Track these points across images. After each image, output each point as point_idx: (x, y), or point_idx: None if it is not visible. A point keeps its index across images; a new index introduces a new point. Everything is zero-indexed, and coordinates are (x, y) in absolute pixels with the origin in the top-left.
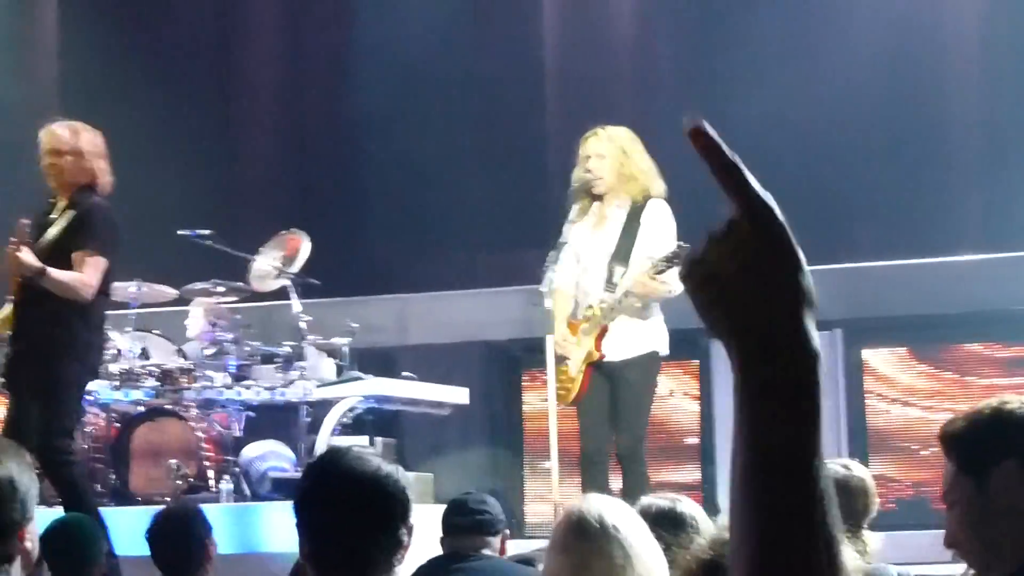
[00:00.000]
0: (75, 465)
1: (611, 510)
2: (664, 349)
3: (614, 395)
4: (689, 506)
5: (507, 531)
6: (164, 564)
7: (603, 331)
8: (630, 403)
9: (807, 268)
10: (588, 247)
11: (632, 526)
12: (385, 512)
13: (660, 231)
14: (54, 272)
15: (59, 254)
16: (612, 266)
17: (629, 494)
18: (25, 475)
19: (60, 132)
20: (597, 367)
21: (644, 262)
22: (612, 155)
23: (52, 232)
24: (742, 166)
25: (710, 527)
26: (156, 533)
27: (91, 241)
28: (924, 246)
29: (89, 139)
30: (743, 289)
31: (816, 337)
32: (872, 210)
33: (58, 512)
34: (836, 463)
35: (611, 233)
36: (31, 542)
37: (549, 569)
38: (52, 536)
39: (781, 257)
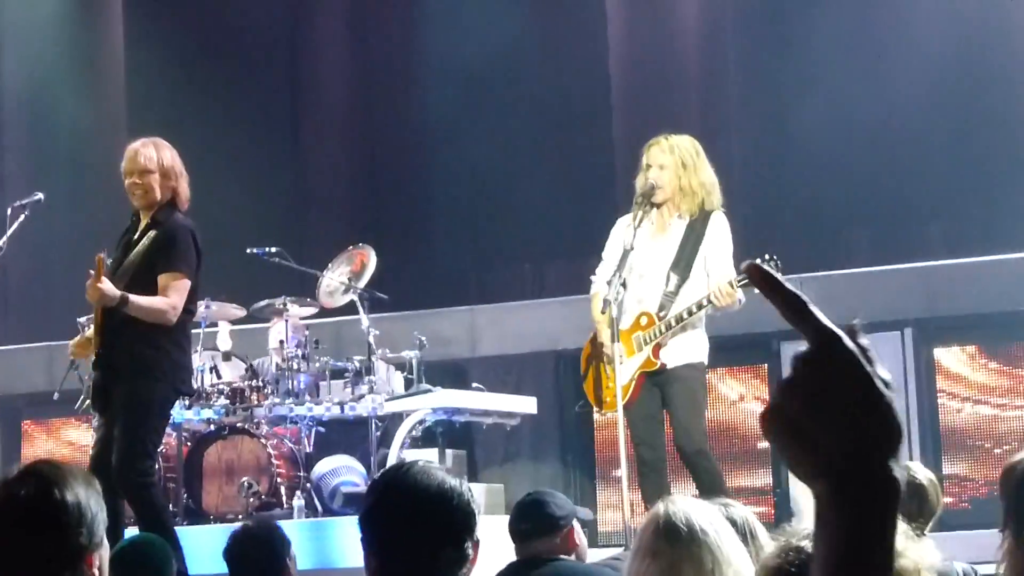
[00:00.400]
0: (154, 487)
1: (698, 512)
2: (706, 360)
3: (668, 398)
4: (740, 511)
5: (575, 522)
6: None
7: (663, 341)
8: (687, 403)
9: (888, 393)
10: (645, 255)
11: (720, 528)
12: (451, 526)
13: (721, 244)
14: (136, 299)
15: (143, 274)
16: (671, 276)
17: (704, 489)
18: (93, 500)
19: (145, 151)
20: (650, 375)
21: (727, 273)
22: (673, 166)
23: (136, 253)
24: (805, 299)
25: (763, 532)
26: (235, 551)
27: (175, 262)
28: (995, 243)
29: (171, 156)
30: (819, 430)
31: (899, 468)
32: (942, 208)
33: (134, 532)
34: None
35: (671, 243)
36: (99, 569)
37: (636, 573)
38: (123, 556)
39: (854, 390)
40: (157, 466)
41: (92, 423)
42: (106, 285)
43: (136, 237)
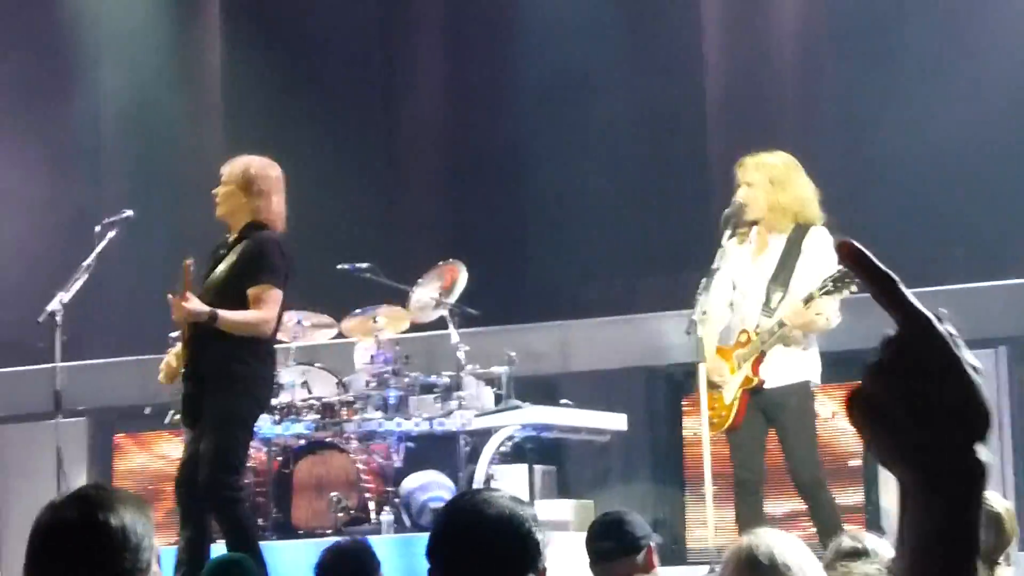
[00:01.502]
0: (241, 502)
1: (782, 546)
2: (818, 379)
3: (778, 425)
4: (873, 542)
5: (652, 543)
6: None
7: (760, 357)
8: (798, 431)
9: (977, 378)
10: (747, 273)
11: (804, 562)
12: (515, 555)
13: (820, 259)
14: (227, 314)
15: (232, 287)
16: (770, 291)
17: (824, 524)
18: (140, 526)
19: (231, 164)
20: (753, 394)
21: (800, 292)
22: (761, 184)
23: (223, 267)
24: (897, 280)
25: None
26: (326, 569)
27: (265, 275)
28: None
29: (256, 171)
30: (905, 417)
31: (987, 455)
32: None
33: (221, 548)
34: None
35: (771, 259)
36: None
37: None
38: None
39: (944, 377)
40: (247, 481)
41: (183, 437)
42: (193, 304)
43: (225, 252)
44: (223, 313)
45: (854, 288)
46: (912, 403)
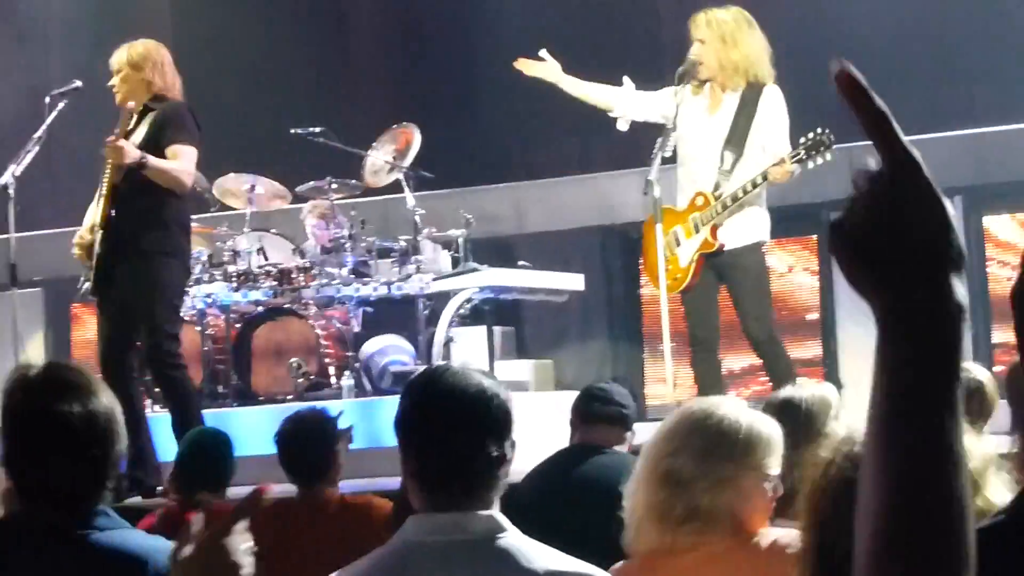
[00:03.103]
0: (183, 368)
1: (728, 406)
2: (767, 236)
3: (732, 284)
4: (817, 396)
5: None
6: (294, 469)
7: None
8: (752, 290)
9: (955, 223)
10: (699, 130)
11: (754, 420)
12: (490, 428)
13: (775, 118)
14: (155, 160)
15: (150, 152)
16: (724, 153)
17: (779, 378)
18: (117, 409)
19: (128, 50)
20: (709, 256)
21: (783, 147)
22: (712, 41)
23: (138, 135)
24: (891, 116)
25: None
26: (287, 437)
27: (181, 133)
28: None
29: (156, 51)
30: (885, 247)
31: (962, 293)
32: (991, 73)
33: (163, 416)
34: None
35: (724, 119)
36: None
37: (659, 454)
38: (192, 450)
39: (926, 214)
40: (206, 348)
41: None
42: (127, 144)
43: (131, 128)
44: (151, 158)
45: (828, 156)
46: (893, 233)
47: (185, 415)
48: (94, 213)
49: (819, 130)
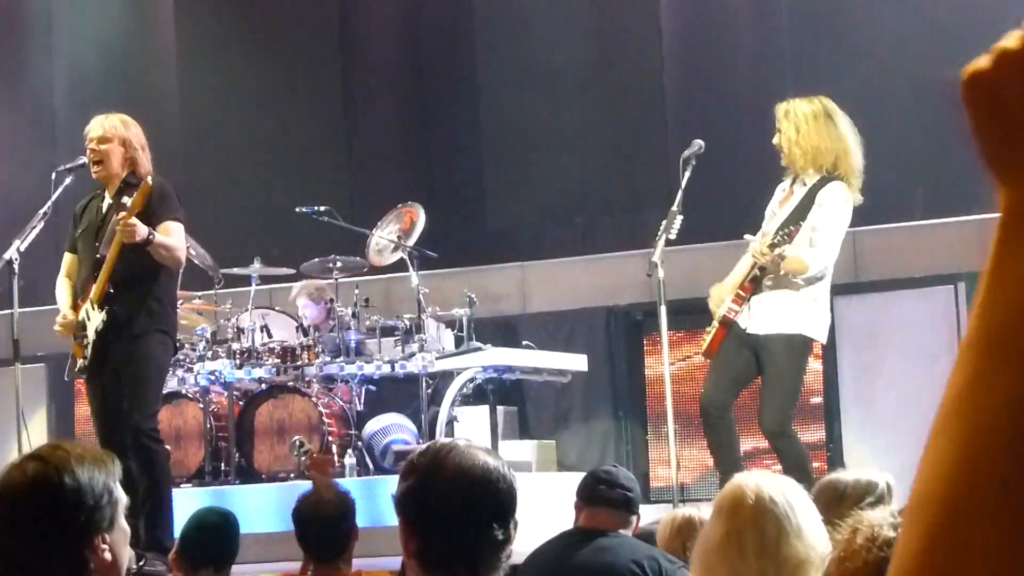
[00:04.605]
0: (163, 443)
1: (769, 483)
2: (819, 336)
3: (760, 367)
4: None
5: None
6: (312, 546)
7: (739, 295)
8: (773, 379)
9: None
10: (768, 221)
11: (792, 500)
12: (495, 509)
13: (825, 211)
14: (159, 237)
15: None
16: (776, 239)
17: (788, 470)
18: (101, 483)
19: (115, 125)
20: (732, 329)
21: (830, 243)
22: (787, 131)
23: (123, 213)
24: None
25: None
26: (305, 514)
27: (171, 211)
28: None
29: (137, 129)
30: None
31: None
32: None
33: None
34: None
35: (788, 208)
36: (111, 552)
37: (705, 534)
38: (199, 529)
39: None
40: (208, 426)
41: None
42: (139, 222)
43: (107, 207)
44: (158, 235)
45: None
46: None
47: (161, 490)
48: (70, 292)
49: (793, 226)
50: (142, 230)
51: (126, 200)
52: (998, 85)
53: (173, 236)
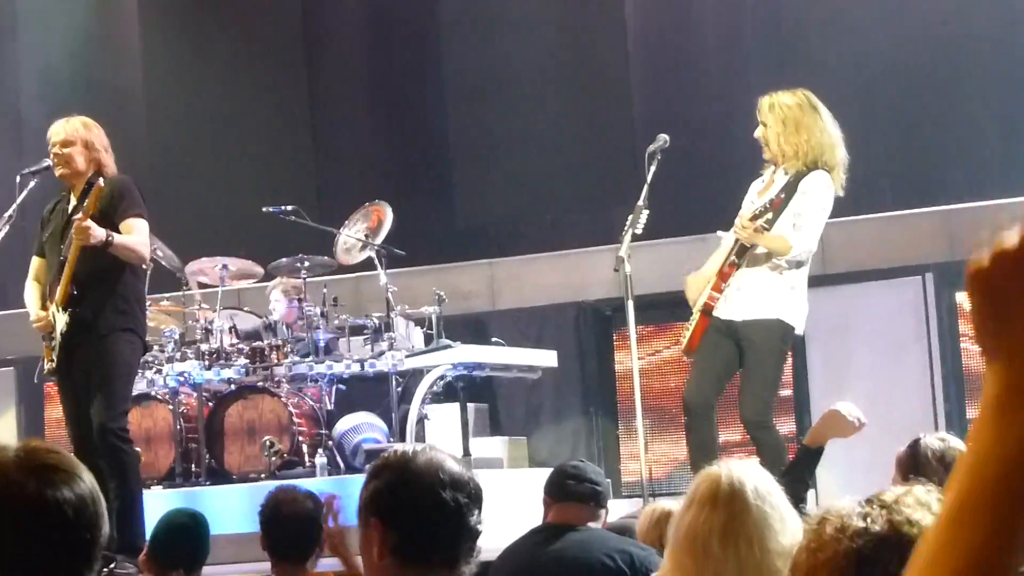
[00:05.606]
0: (132, 443)
1: (744, 472)
2: (797, 324)
3: (740, 356)
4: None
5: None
6: (278, 549)
7: (718, 281)
8: (752, 368)
9: None
10: (745, 210)
11: (768, 488)
12: (471, 501)
13: (811, 198)
14: (119, 237)
15: (102, 226)
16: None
17: (766, 463)
18: (97, 493)
19: (78, 126)
20: (712, 320)
21: (814, 228)
22: (772, 125)
23: (83, 211)
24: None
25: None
26: (271, 516)
27: (135, 207)
28: (1016, 185)
29: (99, 129)
30: (1020, 306)
31: None
32: (964, 152)
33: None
34: (934, 436)
35: (771, 194)
36: None
37: (690, 524)
38: (170, 530)
39: None
40: (178, 427)
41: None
42: (93, 224)
43: (74, 205)
44: (116, 236)
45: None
46: None
47: (132, 491)
48: (39, 295)
49: (776, 197)
50: (98, 232)
51: (95, 193)
52: (996, 278)
53: (135, 233)
